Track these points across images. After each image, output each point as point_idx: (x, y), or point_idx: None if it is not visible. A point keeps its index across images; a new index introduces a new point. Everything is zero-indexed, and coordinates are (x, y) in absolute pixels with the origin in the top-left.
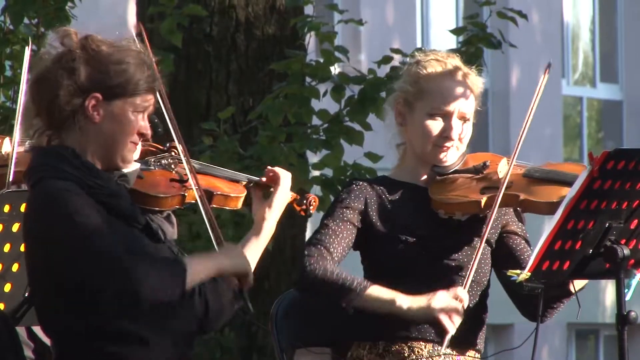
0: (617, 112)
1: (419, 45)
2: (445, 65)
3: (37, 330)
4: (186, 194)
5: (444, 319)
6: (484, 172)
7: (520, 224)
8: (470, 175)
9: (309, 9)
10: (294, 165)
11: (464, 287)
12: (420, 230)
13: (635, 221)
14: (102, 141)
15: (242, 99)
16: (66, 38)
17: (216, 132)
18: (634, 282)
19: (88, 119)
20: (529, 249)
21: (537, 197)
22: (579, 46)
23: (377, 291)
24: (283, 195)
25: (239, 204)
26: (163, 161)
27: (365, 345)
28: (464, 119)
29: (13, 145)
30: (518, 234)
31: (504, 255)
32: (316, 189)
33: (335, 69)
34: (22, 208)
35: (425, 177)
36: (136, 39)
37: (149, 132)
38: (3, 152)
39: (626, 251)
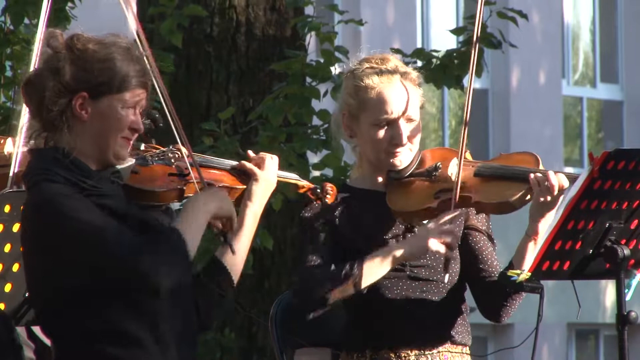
0: (618, 112)
1: (419, 45)
2: (380, 71)
3: (37, 330)
4: (185, 188)
5: (440, 249)
6: (437, 174)
7: (482, 216)
8: (424, 178)
9: (309, 10)
10: (294, 165)
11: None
12: (384, 236)
13: (636, 221)
14: (92, 139)
15: (242, 99)
16: (52, 39)
17: (216, 132)
18: (634, 282)
19: (76, 118)
20: (489, 245)
21: (488, 197)
22: (579, 46)
23: (370, 262)
24: (262, 185)
25: (237, 196)
26: (163, 156)
27: (353, 355)
28: (409, 119)
29: (17, 145)
30: (478, 228)
31: (465, 252)
32: None
33: (335, 69)
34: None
35: (382, 180)
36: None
37: (141, 127)
38: (6, 152)
39: (626, 251)
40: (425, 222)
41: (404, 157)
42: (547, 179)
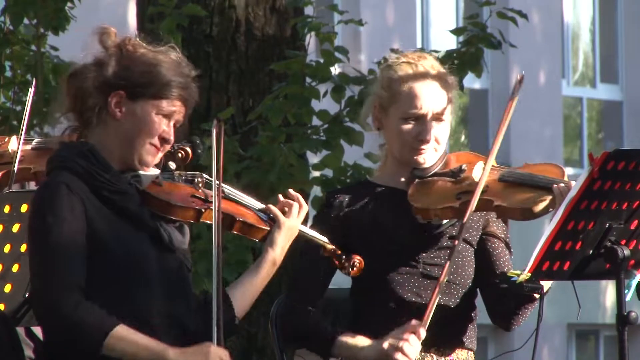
0: (617, 112)
1: (419, 45)
2: (416, 67)
3: (37, 330)
4: (203, 211)
5: (398, 356)
6: (461, 176)
7: (502, 224)
8: (447, 179)
9: (309, 10)
10: (293, 165)
11: (424, 324)
12: (402, 234)
13: (636, 222)
14: (120, 139)
15: (242, 100)
16: (104, 36)
17: None
18: (634, 283)
19: (110, 115)
20: (506, 253)
21: (510, 202)
22: (579, 46)
23: (343, 342)
24: (284, 233)
25: (261, 237)
26: (192, 179)
27: None
28: (438, 119)
29: (19, 144)
30: (497, 235)
31: (480, 258)
32: (316, 190)
33: (335, 70)
34: (23, 209)
35: (405, 179)
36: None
37: (171, 138)
38: (10, 150)
39: (626, 252)
40: (445, 221)
41: (429, 156)
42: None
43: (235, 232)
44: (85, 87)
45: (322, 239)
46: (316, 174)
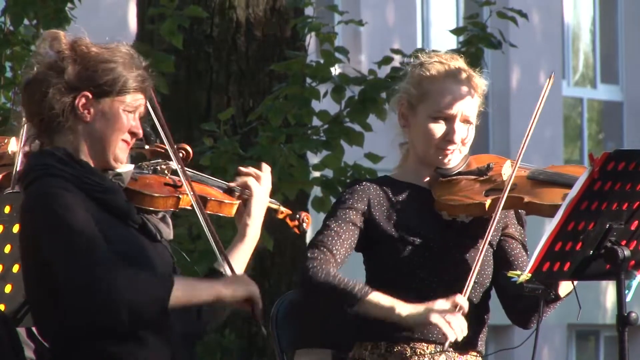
0: (618, 113)
1: (419, 45)
2: (448, 67)
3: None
4: (180, 197)
5: (442, 325)
6: (488, 174)
7: (519, 227)
8: (474, 177)
9: (309, 10)
10: (294, 166)
11: (464, 294)
12: (425, 232)
13: (636, 222)
14: (93, 140)
15: (242, 100)
16: (55, 41)
17: (216, 133)
18: (634, 283)
19: (78, 118)
20: (524, 254)
21: (542, 199)
22: (580, 47)
23: (378, 298)
24: (260, 199)
25: (233, 211)
26: (157, 167)
27: (367, 346)
28: (467, 121)
29: (19, 144)
30: (515, 237)
31: (498, 258)
32: (316, 190)
33: (335, 70)
34: None
35: (428, 178)
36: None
37: (140, 131)
38: (10, 152)
39: (627, 252)
40: (464, 216)
41: (454, 157)
42: None
43: (209, 212)
44: (50, 93)
45: (275, 203)
46: (316, 174)
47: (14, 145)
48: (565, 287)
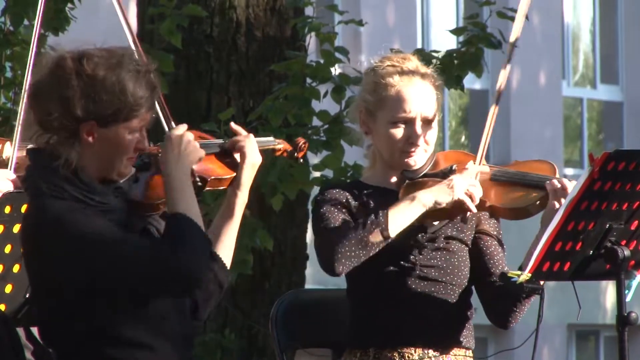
0: (618, 113)
1: (419, 45)
2: (401, 69)
3: (37, 331)
4: None
5: (467, 201)
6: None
7: (493, 221)
8: (438, 179)
9: (309, 10)
10: (293, 166)
11: (478, 163)
12: (396, 235)
13: (636, 222)
14: (97, 160)
15: (242, 100)
16: (60, 62)
17: (216, 133)
18: (634, 283)
19: (82, 140)
20: (500, 251)
21: (504, 202)
22: (580, 47)
23: (395, 210)
24: (248, 170)
25: (228, 184)
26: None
27: (357, 353)
28: (427, 121)
29: (13, 149)
30: (490, 233)
31: (474, 257)
32: (317, 190)
33: (335, 70)
34: (23, 209)
35: (395, 180)
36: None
37: (146, 145)
38: (4, 157)
39: (627, 252)
40: (435, 223)
41: (419, 157)
42: (564, 188)
43: (208, 189)
44: (54, 118)
45: (271, 141)
46: (316, 174)
47: (9, 151)
48: None
